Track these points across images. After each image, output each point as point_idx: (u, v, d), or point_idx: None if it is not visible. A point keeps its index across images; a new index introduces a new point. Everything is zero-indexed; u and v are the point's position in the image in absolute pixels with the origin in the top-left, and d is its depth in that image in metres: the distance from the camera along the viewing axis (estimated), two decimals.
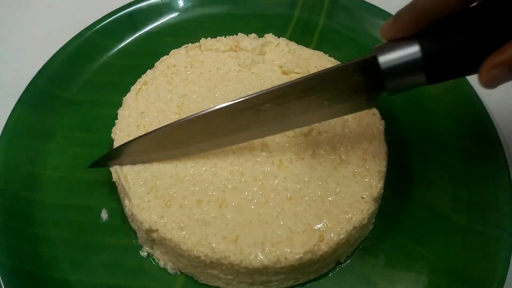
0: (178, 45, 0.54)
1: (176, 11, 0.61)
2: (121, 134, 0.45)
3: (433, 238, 0.44)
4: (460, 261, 0.42)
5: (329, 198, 0.41)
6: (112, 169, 0.43)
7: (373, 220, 0.44)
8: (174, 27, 0.59)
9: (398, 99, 0.52)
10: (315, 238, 0.39)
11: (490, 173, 0.46)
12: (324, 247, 0.39)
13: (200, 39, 0.53)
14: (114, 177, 0.43)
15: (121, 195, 0.44)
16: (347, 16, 0.60)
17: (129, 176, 0.42)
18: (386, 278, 0.42)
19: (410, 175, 0.48)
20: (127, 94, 0.49)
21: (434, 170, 0.48)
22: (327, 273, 0.42)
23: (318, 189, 0.42)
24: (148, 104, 0.47)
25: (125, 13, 0.58)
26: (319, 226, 0.39)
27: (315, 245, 0.38)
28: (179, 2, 0.61)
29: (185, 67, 0.50)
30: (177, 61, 0.51)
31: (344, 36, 0.59)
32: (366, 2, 0.60)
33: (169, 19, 0.60)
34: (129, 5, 0.59)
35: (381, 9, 0.59)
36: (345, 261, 0.43)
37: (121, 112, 0.47)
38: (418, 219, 0.45)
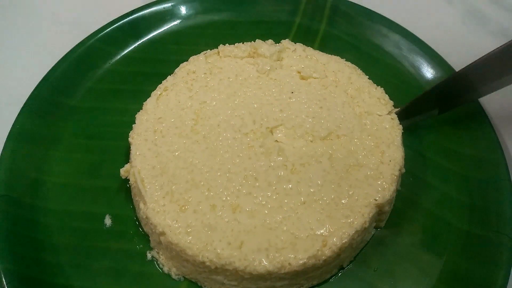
0: (180, 52, 0.54)
1: (178, 18, 0.61)
2: (139, 138, 0.46)
3: (434, 243, 0.44)
4: (462, 266, 0.42)
5: (343, 201, 0.41)
6: (130, 172, 0.44)
7: (374, 224, 0.45)
8: (176, 34, 0.60)
9: (398, 105, 0.53)
10: (318, 243, 0.39)
11: (491, 178, 0.46)
12: (327, 252, 0.39)
13: (203, 46, 0.54)
14: (131, 180, 0.44)
15: (136, 198, 0.45)
16: (348, 23, 0.61)
17: (146, 180, 0.42)
18: (388, 283, 0.42)
19: (411, 181, 0.48)
20: (148, 99, 0.49)
21: (435, 175, 0.48)
22: (330, 278, 0.43)
23: (331, 193, 0.42)
24: (166, 110, 0.48)
25: (128, 20, 0.59)
26: (321, 231, 0.40)
27: (319, 250, 0.39)
28: (181, 9, 0.62)
29: (205, 73, 0.51)
30: (197, 67, 0.51)
31: (345, 42, 0.60)
32: (367, 8, 0.61)
33: (171, 26, 0.61)
34: (132, 12, 0.60)
35: (382, 16, 0.60)
36: (348, 265, 0.43)
37: (139, 116, 0.48)
38: (420, 224, 0.45)
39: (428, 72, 0.56)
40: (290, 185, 0.42)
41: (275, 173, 0.43)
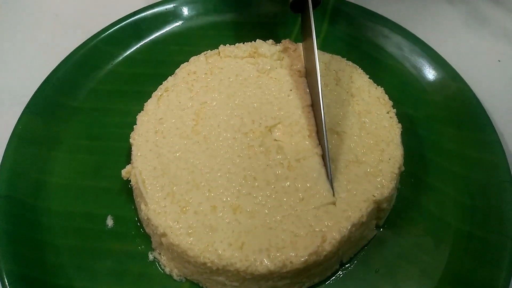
0: (182, 53, 0.54)
1: (180, 19, 0.61)
2: (140, 139, 0.46)
3: (436, 244, 0.44)
4: (463, 268, 0.42)
5: (341, 195, 0.42)
6: (131, 173, 0.44)
7: (375, 222, 0.45)
8: (178, 35, 0.60)
9: (400, 106, 0.53)
10: (318, 239, 0.39)
11: (493, 179, 0.46)
12: (327, 247, 0.39)
13: (204, 47, 0.54)
14: (133, 181, 0.44)
15: (137, 199, 0.45)
16: (349, 23, 0.61)
17: (147, 181, 0.43)
18: (389, 284, 0.42)
19: (412, 181, 0.48)
20: (149, 100, 0.49)
21: (437, 177, 0.48)
22: (331, 278, 0.43)
23: (328, 186, 0.42)
24: (167, 110, 0.48)
25: (130, 21, 0.59)
26: (320, 226, 0.40)
27: (319, 246, 0.39)
28: (183, 10, 0.62)
29: (205, 74, 0.51)
30: (197, 68, 0.52)
31: (346, 43, 0.60)
32: (368, 9, 0.61)
33: (173, 27, 0.61)
34: (134, 13, 0.60)
35: (383, 16, 0.60)
36: (349, 266, 0.43)
37: (140, 117, 0.48)
38: (421, 225, 0.45)
39: (430, 73, 0.55)
40: (288, 183, 0.42)
41: (273, 171, 0.43)
